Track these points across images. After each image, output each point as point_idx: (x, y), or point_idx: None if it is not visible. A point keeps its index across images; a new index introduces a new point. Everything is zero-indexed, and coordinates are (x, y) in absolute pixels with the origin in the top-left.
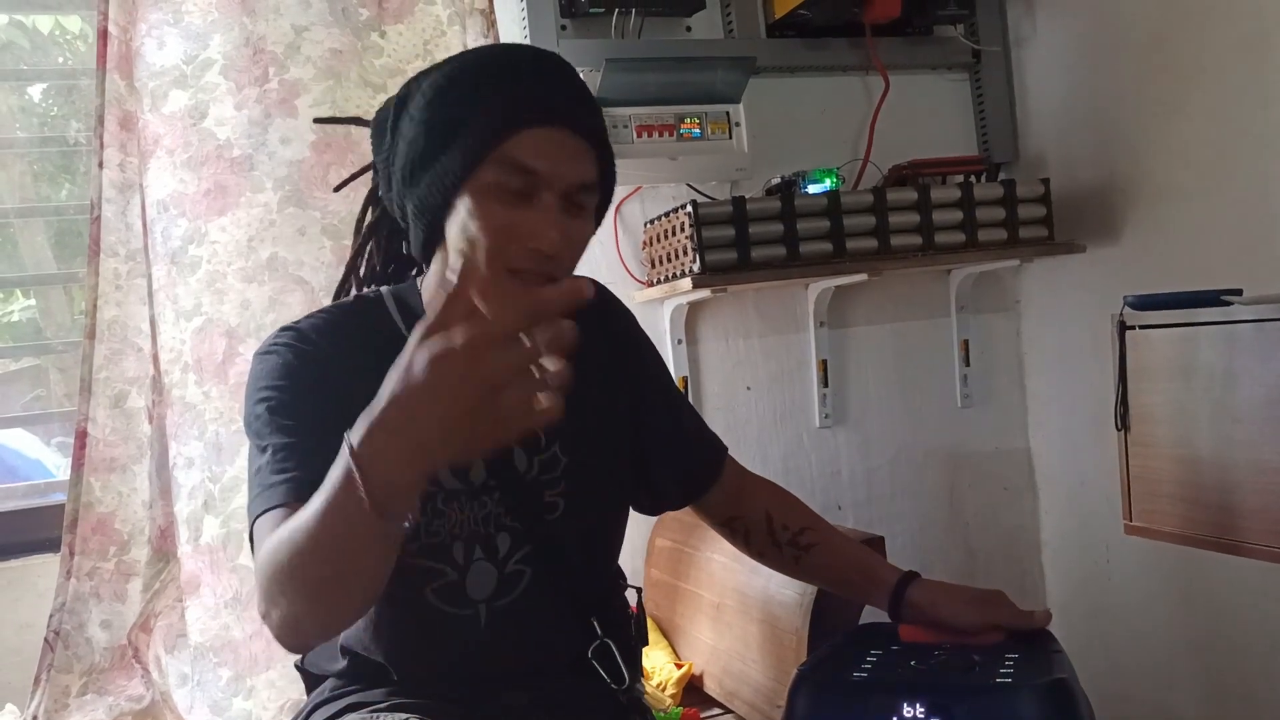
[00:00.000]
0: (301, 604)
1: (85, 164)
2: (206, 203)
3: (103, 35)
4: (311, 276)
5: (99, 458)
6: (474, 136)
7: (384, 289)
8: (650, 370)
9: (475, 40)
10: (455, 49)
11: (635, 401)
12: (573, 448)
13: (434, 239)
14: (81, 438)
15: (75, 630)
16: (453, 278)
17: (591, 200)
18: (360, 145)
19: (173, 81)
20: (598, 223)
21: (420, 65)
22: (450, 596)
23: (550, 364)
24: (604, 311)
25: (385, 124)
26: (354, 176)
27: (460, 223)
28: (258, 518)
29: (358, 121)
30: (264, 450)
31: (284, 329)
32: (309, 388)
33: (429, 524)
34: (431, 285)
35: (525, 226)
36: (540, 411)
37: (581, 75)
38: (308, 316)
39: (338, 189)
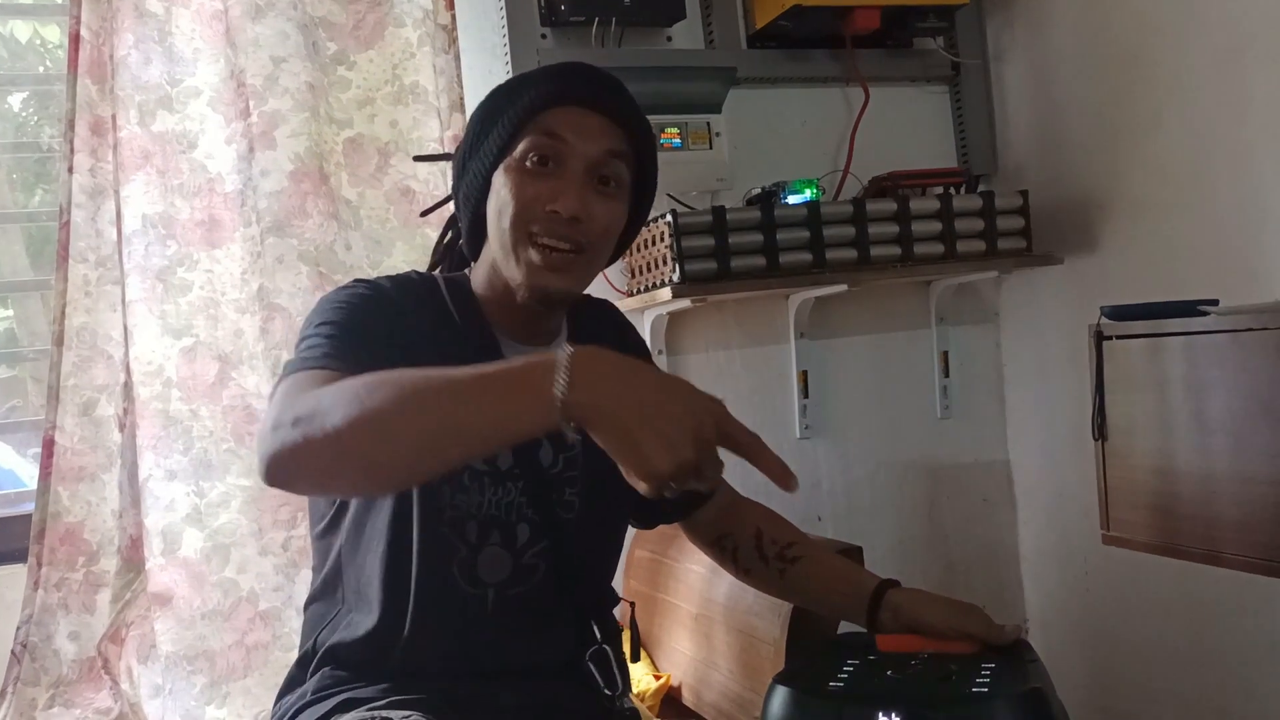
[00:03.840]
0: (372, 436)
1: (59, 169)
2: (200, 233)
3: (74, 39)
4: (289, 303)
5: (67, 466)
6: (509, 118)
7: (436, 274)
8: None
9: (438, 57)
10: (425, 69)
11: None
12: (594, 449)
13: (479, 228)
14: (49, 446)
15: (43, 642)
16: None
17: (622, 174)
18: (330, 179)
19: (158, 101)
20: (638, 215)
21: (390, 90)
22: (464, 573)
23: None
24: (621, 329)
25: (461, 151)
26: (438, 205)
27: (496, 198)
28: (310, 369)
29: (448, 158)
30: (324, 335)
31: (359, 280)
32: (379, 321)
33: (452, 497)
34: (482, 276)
35: (548, 193)
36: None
37: None
38: (377, 276)
39: (424, 214)
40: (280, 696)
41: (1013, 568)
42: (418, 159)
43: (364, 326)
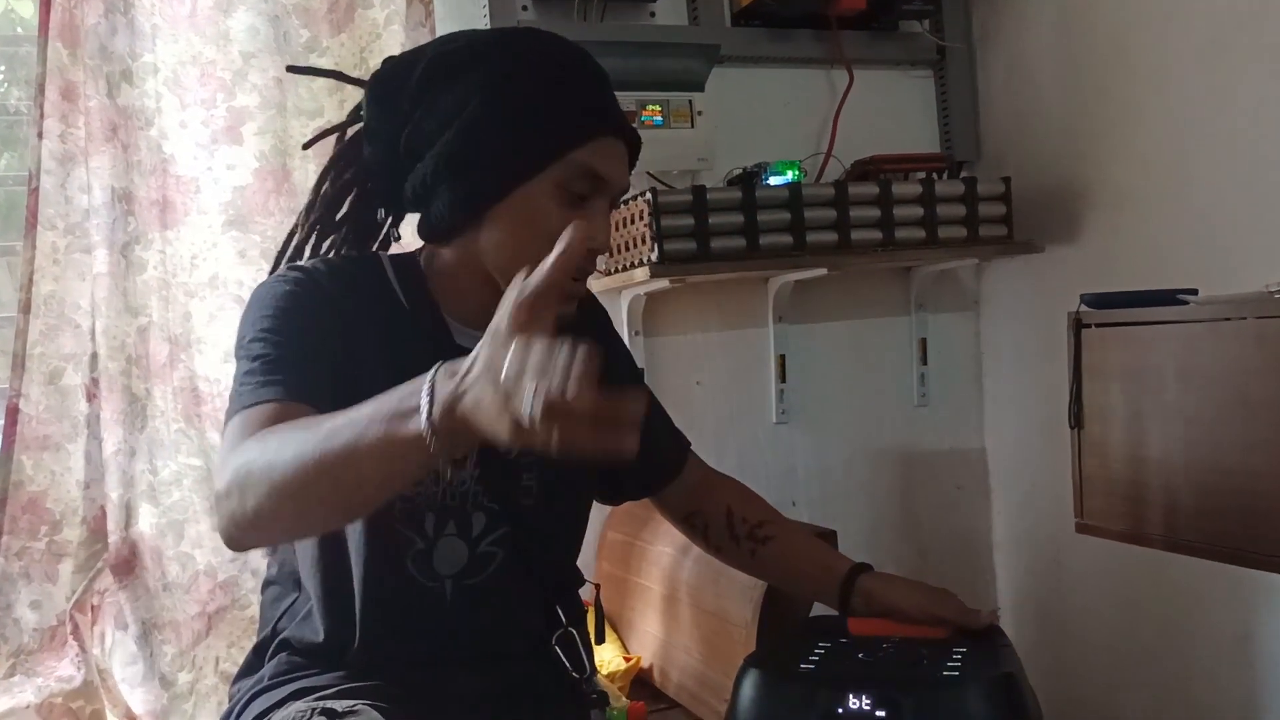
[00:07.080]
0: (289, 505)
1: (27, 133)
2: (155, 212)
3: (45, 1)
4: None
5: (31, 435)
6: (549, 137)
7: (381, 254)
8: (623, 366)
9: (413, 30)
10: (392, 49)
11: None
12: None
13: (469, 224)
14: (13, 414)
15: (3, 611)
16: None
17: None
18: (294, 174)
19: (122, 74)
20: None
21: (358, 74)
22: (420, 566)
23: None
24: (587, 308)
25: (401, 90)
26: (324, 134)
27: (518, 217)
28: (244, 409)
29: (339, 76)
30: (255, 359)
31: (292, 267)
32: (312, 319)
33: (407, 490)
34: (446, 264)
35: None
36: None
37: None
38: (311, 261)
39: (306, 146)
40: (237, 680)
41: (985, 556)
42: (290, 70)
43: (300, 334)
